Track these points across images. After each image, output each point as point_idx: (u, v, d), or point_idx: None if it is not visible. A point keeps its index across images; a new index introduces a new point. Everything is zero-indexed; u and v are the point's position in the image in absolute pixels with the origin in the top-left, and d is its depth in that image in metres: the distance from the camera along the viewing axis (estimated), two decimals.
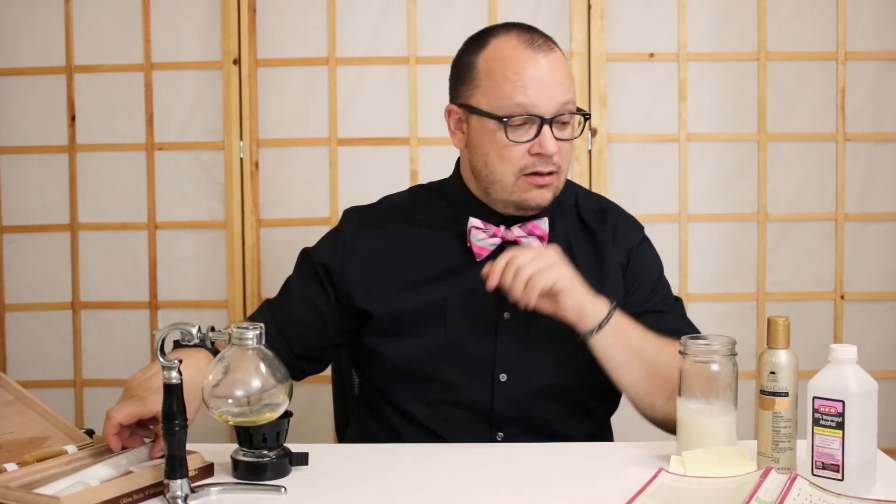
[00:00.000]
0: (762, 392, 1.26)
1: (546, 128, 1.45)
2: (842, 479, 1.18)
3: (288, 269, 1.74)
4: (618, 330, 1.45)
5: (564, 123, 1.48)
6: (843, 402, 1.18)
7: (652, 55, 2.47)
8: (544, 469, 1.34)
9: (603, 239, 1.60)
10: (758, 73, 2.46)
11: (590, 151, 2.44)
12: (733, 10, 2.47)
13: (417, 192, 1.67)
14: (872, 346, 2.51)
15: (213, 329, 1.22)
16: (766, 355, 1.27)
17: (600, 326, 1.43)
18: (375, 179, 1.92)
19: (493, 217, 1.54)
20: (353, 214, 1.65)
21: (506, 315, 1.53)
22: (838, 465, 1.18)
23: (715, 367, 1.29)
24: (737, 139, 2.49)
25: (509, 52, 1.47)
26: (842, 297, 2.50)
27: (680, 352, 1.31)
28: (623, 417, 2.51)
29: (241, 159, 2.46)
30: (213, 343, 1.24)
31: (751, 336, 2.44)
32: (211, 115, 2.48)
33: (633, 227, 1.65)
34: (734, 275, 2.51)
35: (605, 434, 1.66)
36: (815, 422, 1.20)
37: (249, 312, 2.47)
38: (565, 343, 1.49)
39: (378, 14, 2.47)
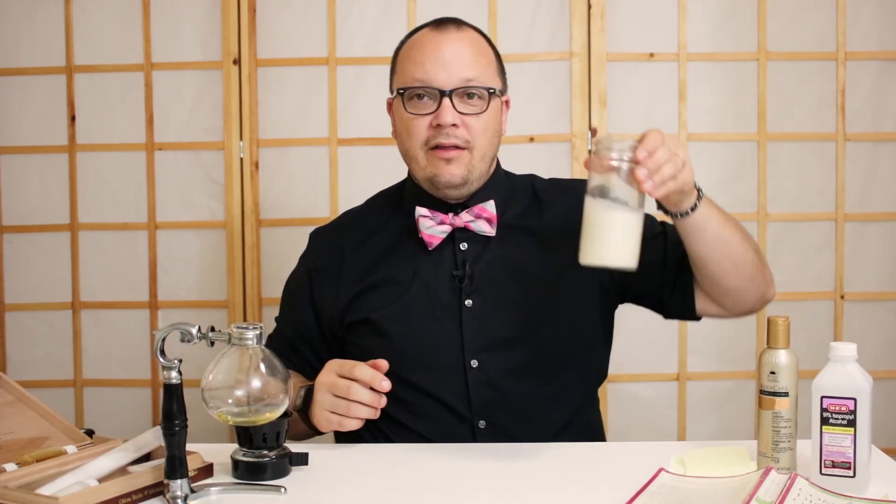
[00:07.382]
0: (762, 392, 1.27)
1: (446, 100, 1.49)
2: (853, 476, 1.19)
3: (288, 268, 1.74)
4: (708, 202, 1.42)
5: (470, 96, 1.51)
6: (854, 399, 1.18)
7: (652, 55, 2.47)
8: (544, 469, 1.34)
9: (558, 210, 1.59)
10: (758, 73, 2.46)
11: (590, 151, 2.44)
12: (733, 10, 2.47)
13: (374, 199, 1.73)
14: (872, 346, 2.51)
15: (213, 329, 1.22)
16: (766, 355, 1.27)
17: (699, 198, 1.41)
18: (375, 179, 1.92)
19: (441, 205, 1.57)
20: (314, 239, 1.71)
21: (467, 302, 1.54)
22: (850, 463, 1.19)
23: (614, 162, 1.27)
24: (737, 139, 2.48)
25: (417, 36, 1.57)
26: (842, 297, 2.50)
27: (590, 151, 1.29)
28: (623, 417, 2.51)
29: (241, 159, 2.46)
30: (212, 343, 1.24)
31: (751, 336, 2.43)
32: (211, 115, 2.48)
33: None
34: None
35: (590, 411, 1.64)
36: (825, 421, 1.19)
37: (249, 312, 2.47)
38: (530, 322, 1.52)
39: (378, 14, 2.47)
